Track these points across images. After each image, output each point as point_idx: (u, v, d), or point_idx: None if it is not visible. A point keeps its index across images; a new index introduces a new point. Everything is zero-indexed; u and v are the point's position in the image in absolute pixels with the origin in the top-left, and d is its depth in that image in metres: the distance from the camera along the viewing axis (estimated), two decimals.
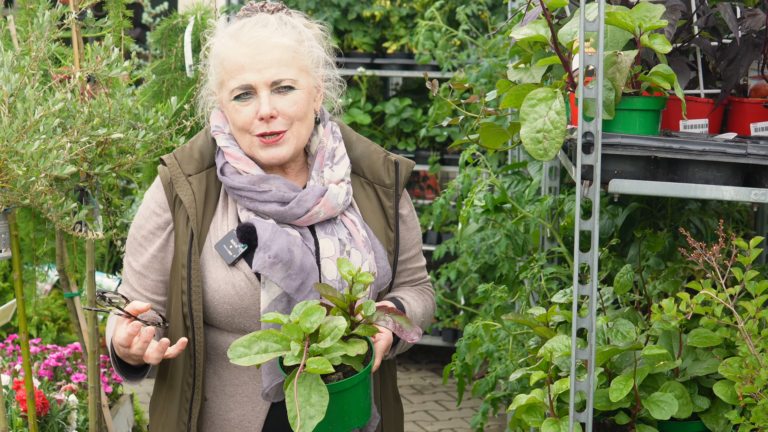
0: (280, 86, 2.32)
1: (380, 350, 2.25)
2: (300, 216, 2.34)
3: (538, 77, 2.38)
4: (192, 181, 2.37)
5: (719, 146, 2.03)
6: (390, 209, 2.45)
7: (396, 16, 6.46)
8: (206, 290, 2.32)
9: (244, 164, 2.36)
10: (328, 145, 2.43)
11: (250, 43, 2.32)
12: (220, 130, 2.41)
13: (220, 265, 2.33)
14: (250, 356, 2.07)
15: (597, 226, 2.01)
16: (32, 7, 3.21)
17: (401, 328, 2.22)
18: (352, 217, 2.42)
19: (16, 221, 2.90)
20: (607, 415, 2.22)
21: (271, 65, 2.31)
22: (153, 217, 2.38)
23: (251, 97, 2.32)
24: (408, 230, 2.50)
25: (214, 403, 2.38)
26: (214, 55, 2.38)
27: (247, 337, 2.09)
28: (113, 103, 2.86)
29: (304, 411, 2.01)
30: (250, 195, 2.34)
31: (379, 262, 2.40)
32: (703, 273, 2.36)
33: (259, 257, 2.28)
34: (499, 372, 3.68)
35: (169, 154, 2.41)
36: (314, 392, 2.04)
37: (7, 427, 2.90)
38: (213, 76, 2.40)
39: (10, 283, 5.23)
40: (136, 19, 7.07)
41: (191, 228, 2.33)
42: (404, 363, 6.59)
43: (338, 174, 2.41)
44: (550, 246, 3.59)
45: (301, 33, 2.37)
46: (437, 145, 6.55)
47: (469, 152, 3.68)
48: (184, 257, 2.32)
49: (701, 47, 2.40)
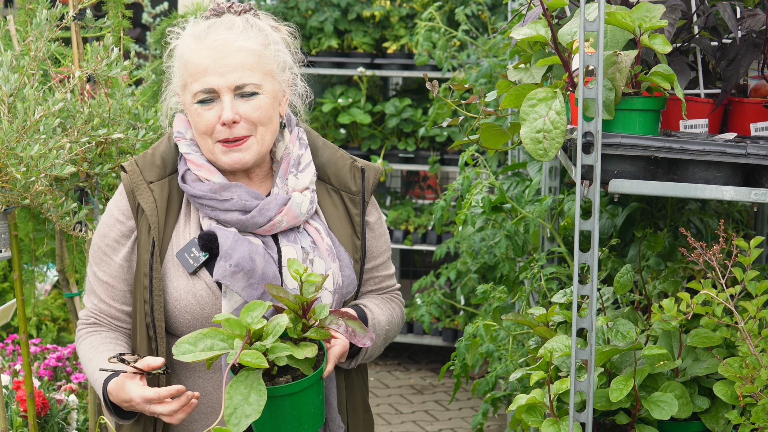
0: (244, 91, 2.27)
1: (334, 355, 2.20)
2: (262, 225, 2.30)
3: (538, 77, 2.38)
4: (154, 188, 2.32)
5: (719, 146, 2.03)
6: (357, 216, 2.41)
7: (396, 16, 6.46)
8: (168, 299, 2.28)
9: (206, 171, 2.32)
10: (294, 151, 2.38)
11: (214, 46, 2.26)
12: (182, 135, 2.36)
13: (181, 274, 2.29)
14: (194, 353, 2.05)
15: (597, 226, 2.01)
16: (32, 7, 3.21)
17: (354, 332, 2.17)
18: (316, 225, 2.37)
19: (16, 221, 2.90)
20: (607, 415, 2.22)
21: (235, 69, 2.26)
22: (117, 224, 2.34)
23: (214, 101, 2.27)
24: (375, 238, 2.45)
25: None
26: (178, 56, 2.33)
27: (194, 334, 2.06)
28: (113, 103, 2.86)
29: (241, 410, 1.99)
30: (212, 204, 2.30)
31: (344, 271, 2.36)
32: (703, 273, 2.36)
33: (221, 266, 2.24)
34: (499, 372, 3.67)
35: (131, 160, 2.37)
36: (254, 391, 2.01)
37: (7, 427, 2.90)
38: (176, 78, 2.35)
39: (10, 283, 5.23)
40: (136, 19, 7.07)
41: (152, 237, 2.29)
42: (404, 363, 6.59)
43: (303, 182, 2.36)
44: (550, 246, 3.59)
45: (267, 36, 2.32)
46: (437, 145, 6.55)
47: (469, 153, 3.68)
48: (145, 266, 2.28)
49: (701, 47, 2.39)
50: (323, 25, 6.47)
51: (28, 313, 4.73)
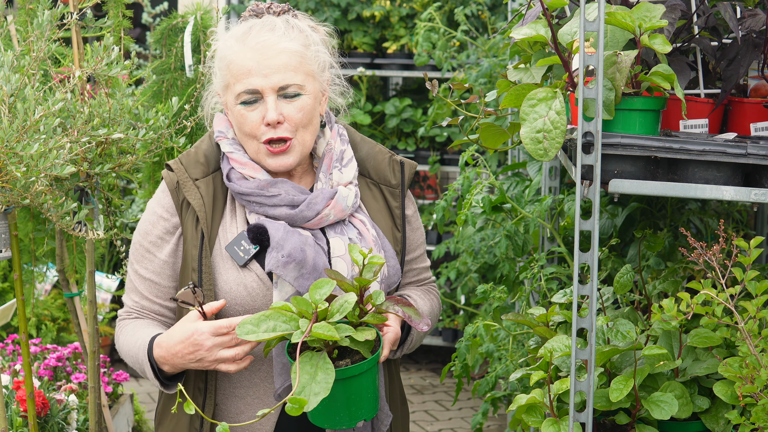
0: (287, 92, 2.31)
1: (388, 341, 2.25)
2: (310, 219, 2.34)
3: (538, 77, 2.38)
4: (199, 185, 2.36)
5: (719, 146, 2.03)
6: (396, 209, 2.45)
7: (396, 16, 6.46)
8: (217, 292, 2.31)
9: (250, 169, 2.35)
10: (336, 147, 2.43)
11: (258, 48, 2.30)
12: (223, 135, 2.40)
13: (230, 267, 2.32)
14: (257, 333, 2.06)
15: (597, 226, 2.01)
16: (32, 7, 3.21)
17: (411, 317, 2.20)
18: (361, 217, 2.41)
19: (16, 221, 2.90)
20: (607, 415, 2.22)
21: (278, 70, 2.29)
22: (160, 221, 2.37)
23: (257, 102, 2.31)
24: (413, 230, 2.51)
25: (225, 405, 2.36)
26: (220, 57, 2.36)
27: (256, 315, 2.09)
28: (113, 103, 2.86)
29: (309, 388, 2.00)
30: (259, 200, 2.33)
31: (389, 261, 2.40)
32: (703, 273, 2.36)
33: (273, 257, 2.27)
34: (499, 372, 3.68)
35: (175, 159, 2.40)
36: (321, 370, 2.02)
37: (7, 427, 2.90)
38: (218, 79, 2.38)
39: (10, 283, 5.23)
40: (136, 19, 7.07)
41: (201, 230, 2.32)
42: (404, 363, 6.59)
43: (347, 176, 2.41)
44: (550, 246, 3.59)
45: (308, 37, 2.36)
46: (437, 145, 6.55)
47: (469, 153, 3.68)
48: (194, 261, 2.31)
49: (701, 47, 2.40)
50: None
51: (28, 313, 4.73)
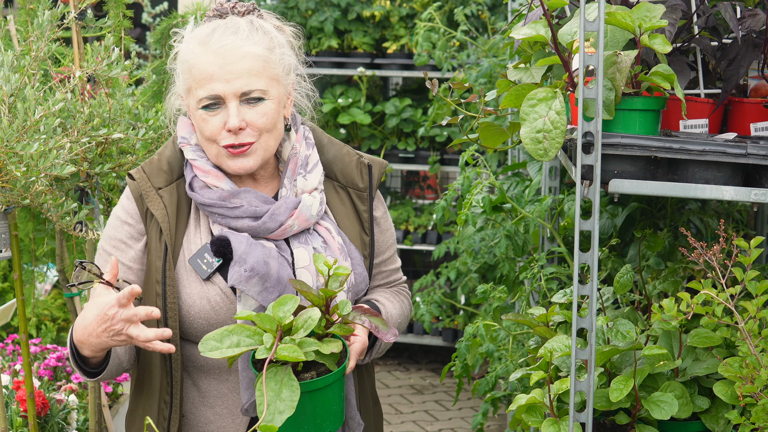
0: (250, 97, 2.25)
1: (355, 352, 2.21)
2: (273, 230, 2.29)
3: (538, 77, 2.38)
4: (163, 194, 2.30)
5: (719, 146, 2.03)
6: (364, 213, 2.40)
7: (396, 16, 6.46)
8: (181, 305, 2.27)
9: (213, 177, 2.30)
10: (301, 152, 2.37)
11: (220, 52, 2.23)
12: (186, 141, 2.34)
13: (194, 280, 2.28)
14: (221, 350, 2.02)
15: (597, 226, 2.01)
16: (32, 6, 3.21)
17: (377, 328, 2.17)
18: (326, 224, 2.37)
19: (16, 221, 2.90)
20: (607, 415, 2.22)
21: (241, 76, 2.23)
22: (125, 226, 2.32)
23: (219, 107, 2.25)
24: (382, 232, 2.45)
25: (194, 415, 2.33)
26: (182, 60, 2.29)
27: (219, 330, 2.04)
28: (113, 103, 2.86)
29: (274, 406, 1.97)
30: (222, 212, 2.29)
31: (356, 269, 2.36)
32: (703, 273, 2.36)
33: (235, 271, 2.23)
34: (499, 372, 3.67)
35: (137, 167, 2.35)
36: (285, 387, 1.99)
37: (7, 427, 2.90)
38: (180, 81, 2.32)
39: (10, 283, 5.24)
40: (136, 19, 7.06)
41: (165, 242, 2.27)
42: (404, 363, 6.59)
43: (311, 183, 2.35)
44: (550, 246, 3.59)
45: (272, 39, 2.29)
46: (437, 145, 6.55)
47: (469, 153, 3.68)
48: (158, 273, 2.26)
49: (701, 47, 2.40)
50: (323, 25, 6.48)
51: (28, 313, 4.73)
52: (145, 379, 2.34)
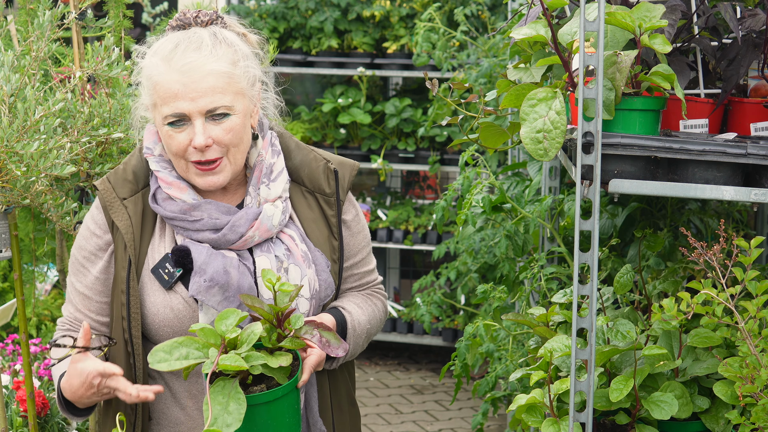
0: (215, 113, 2.24)
1: (309, 365, 2.19)
2: (234, 242, 2.30)
3: (538, 77, 2.38)
4: (128, 204, 2.31)
5: (719, 146, 2.03)
6: (332, 218, 2.39)
7: (396, 16, 6.46)
8: (146, 314, 2.29)
9: (176, 189, 2.30)
10: (267, 159, 2.36)
11: (184, 70, 2.22)
12: (150, 152, 2.34)
13: (157, 289, 2.29)
14: (170, 362, 2.03)
15: (597, 226, 2.01)
16: (32, 7, 3.21)
17: (328, 343, 2.15)
18: (290, 232, 2.36)
19: (17, 221, 2.90)
20: (607, 415, 2.22)
21: (206, 93, 2.22)
22: (93, 238, 2.33)
23: (185, 123, 2.24)
24: (353, 236, 2.44)
25: (165, 416, 2.34)
26: (146, 75, 2.28)
27: (169, 342, 2.05)
28: (113, 103, 2.86)
29: (222, 419, 1.97)
30: (182, 224, 2.29)
31: (321, 275, 2.35)
32: (703, 273, 2.36)
33: (195, 281, 2.23)
34: (499, 372, 3.68)
35: (103, 178, 2.35)
36: (232, 400, 1.99)
37: (7, 427, 2.90)
38: (146, 96, 2.31)
39: (10, 283, 5.24)
40: (136, 19, 7.06)
41: (128, 254, 2.29)
42: (404, 363, 6.59)
43: (275, 192, 2.34)
44: (550, 246, 3.59)
45: (236, 52, 2.27)
46: (437, 145, 6.55)
47: (469, 153, 3.68)
48: (122, 283, 2.29)
49: (701, 47, 2.40)
50: (323, 25, 6.48)
51: (28, 313, 4.73)
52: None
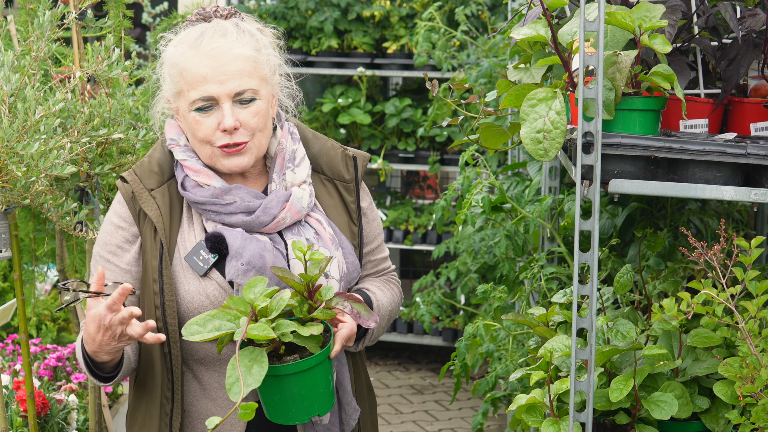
0: (243, 97, 2.29)
1: (341, 337, 2.24)
2: (267, 224, 2.34)
3: (538, 77, 2.38)
4: (155, 195, 2.34)
5: (719, 146, 2.03)
6: (352, 204, 2.45)
7: (396, 16, 6.46)
8: (180, 302, 2.31)
9: (204, 176, 2.34)
10: (288, 147, 2.41)
11: (212, 54, 2.27)
12: (175, 142, 2.38)
13: (191, 276, 2.31)
14: (203, 333, 2.09)
15: (597, 226, 2.01)
16: (32, 7, 3.21)
17: (359, 314, 2.22)
18: (317, 216, 2.41)
19: (17, 221, 2.90)
20: (607, 415, 2.23)
21: (234, 76, 2.27)
22: (119, 231, 2.35)
23: (213, 108, 2.29)
24: (369, 222, 2.50)
25: (195, 408, 2.36)
26: (172, 63, 2.32)
27: (202, 315, 2.11)
28: (114, 103, 2.86)
29: (244, 379, 2.03)
30: (215, 208, 2.33)
31: (348, 258, 2.40)
32: (703, 273, 2.36)
33: (232, 265, 2.27)
34: (499, 372, 3.68)
35: (129, 170, 2.38)
36: (256, 364, 2.05)
37: (7, 427, 2.90)
38: (169, 85, 2.35)
39: (10, 283, 5.24)
40: (136, 19, 7.06)
41: (160, 241, 2.31)
42: (404, 363, 6.59)
43: (300, 176, 2.40)
44: (550, 246, 3.59)
45: (258, 41, 2.34)
46: (437, 145, 6.55)
47: (469, 153, 3.68)
48: (154, 272, 2.30)
49: (701, 47, 2.40)
50: (323, 25, 6.48)
51: (28, 313, 4.73)
52: (146, 376, 2.37)
